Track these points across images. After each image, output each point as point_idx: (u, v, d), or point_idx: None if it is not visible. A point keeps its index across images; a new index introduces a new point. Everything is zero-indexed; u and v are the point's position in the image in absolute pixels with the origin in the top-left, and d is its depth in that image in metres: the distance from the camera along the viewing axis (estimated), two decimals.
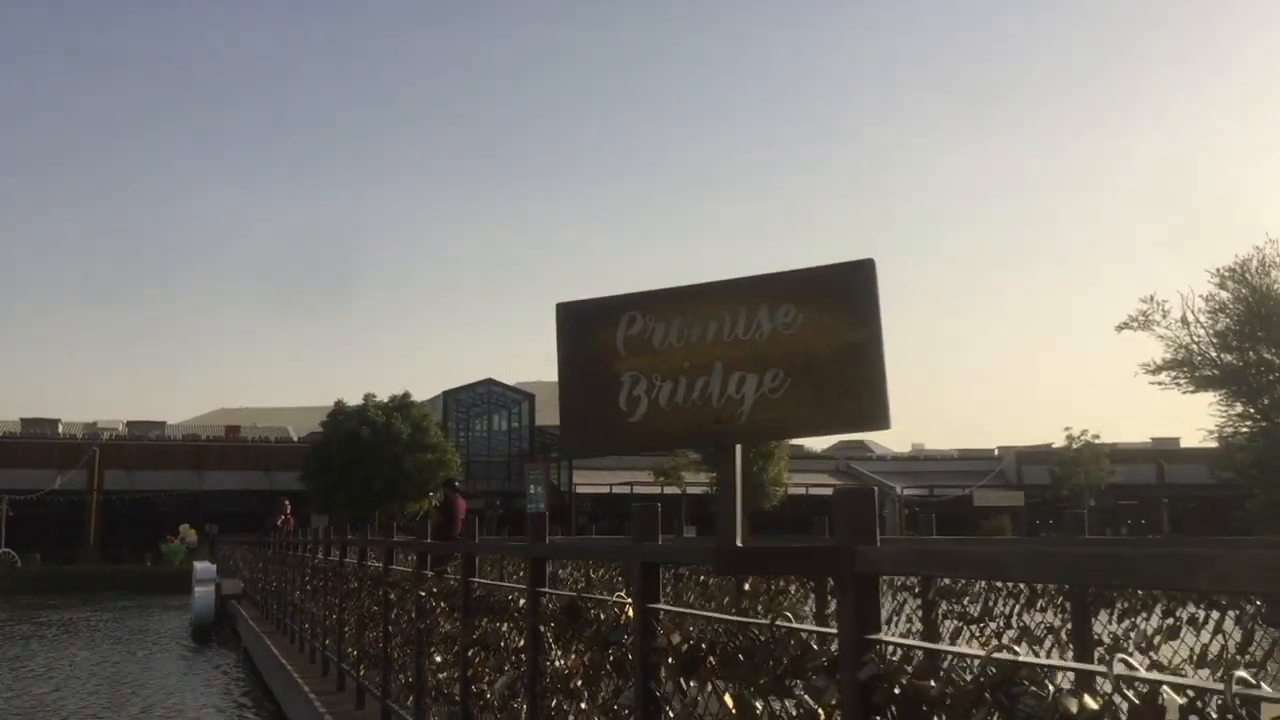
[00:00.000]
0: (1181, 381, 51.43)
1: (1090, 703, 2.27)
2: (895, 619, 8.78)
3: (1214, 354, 50.73)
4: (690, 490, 62.02)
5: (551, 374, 3.53)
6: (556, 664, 5.28)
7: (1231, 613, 5.89)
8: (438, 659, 7.63)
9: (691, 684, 3.93)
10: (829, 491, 72.10)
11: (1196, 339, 50.90)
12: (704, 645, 3.84)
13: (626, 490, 65.97)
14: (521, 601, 5.79)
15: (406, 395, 57.57)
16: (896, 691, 2.76)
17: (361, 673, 10.91)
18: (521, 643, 5.79)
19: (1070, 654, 7.07)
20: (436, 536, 15.97)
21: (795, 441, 57.24)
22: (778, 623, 3.39)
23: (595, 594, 6.83)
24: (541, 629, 5.45)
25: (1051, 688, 2.36)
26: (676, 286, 3.33)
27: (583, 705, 4.95)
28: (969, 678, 2.56)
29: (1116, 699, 2.16)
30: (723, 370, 3.19)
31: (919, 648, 2.80)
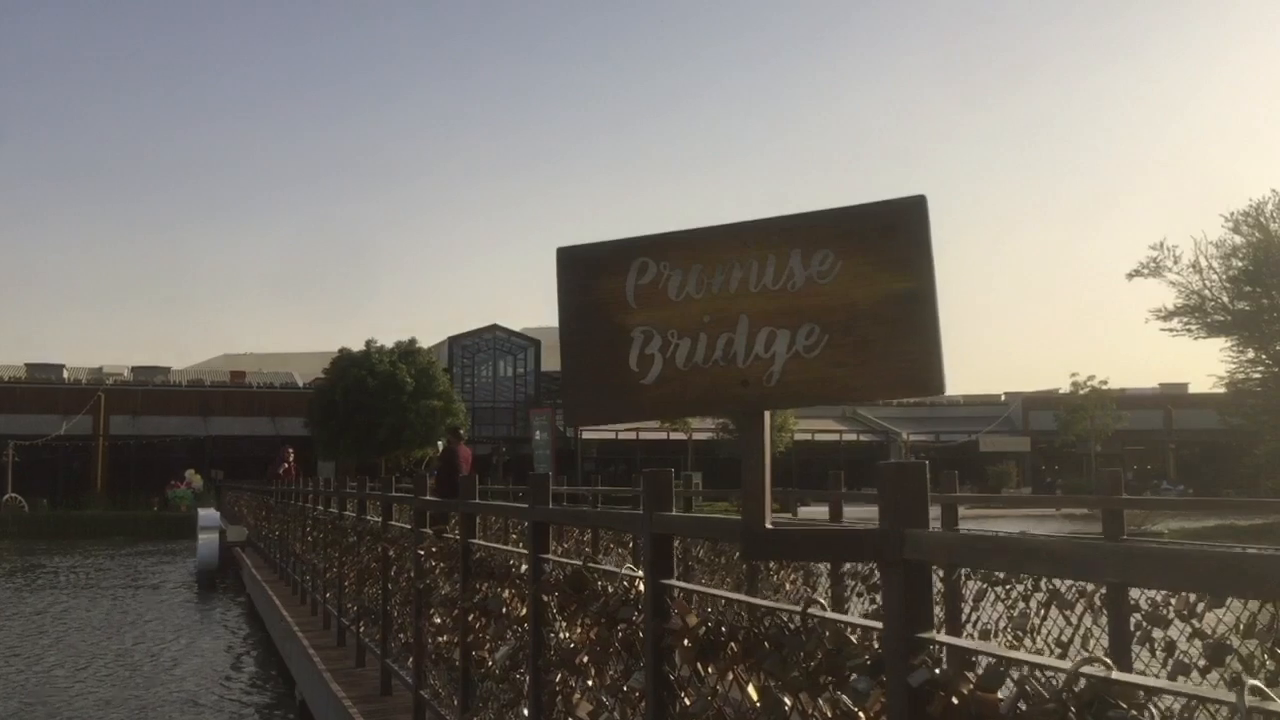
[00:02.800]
0: (1193, 328, 50.94)
1: None
2: None
3: (1226, 300, 50.15)
4: (697, 436, 61.84)
5: (556, 319, 3.09)
6: (561, 636, 4.92)
7: None
8: (437, 620, 7.29)
9: (710, 670, 3.55)
10: (836, 438, 72.05)
11: (1209, 284, 50.31)
12: (724, 629, 3.45)
13: (633, 437, 65.90)
14: (523, 568, 5.41)
15: (413, 341, 57.16)
16: (955, 702, 2.37)
17: (361, 629, 10.62)
18: (523, 611, 5.42)
19: (1105, 619, 6.73)
20: (440, 487, 15.67)
21: None
22: (810, 611, 3.00)
23: (602, 561, 6.45)
24: (545, 598, 5.08)
25: (1156, 712, 1.95)
26: (696, 228, 2.88)
27: (589, 683, 4.59)
28: (1047, 693, 2.16)
29: None
30: (749, 325, 2.76)
31: (984, 653, 2.40)
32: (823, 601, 3.06)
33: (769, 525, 2.76)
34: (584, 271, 2.97)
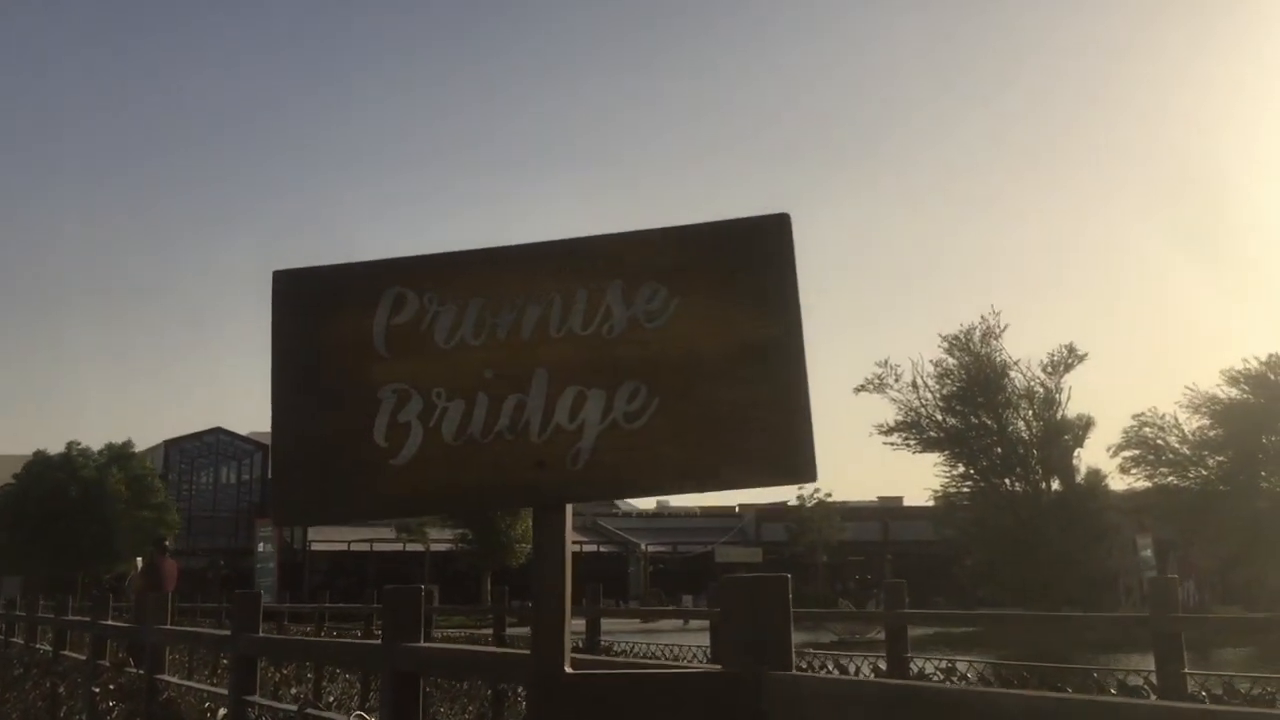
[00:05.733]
0: (911, 442, 54.09)
1: None
2: None
3: (939, 417, 53.69)
4: (435, 548, 59.54)
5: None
6: None
7: None
8: None
9: None
10: (577, 548, 71.34)
11: (924, 402, 53.74)
12: None
13: (366, 548, 62.69)
14: (221, 713, 4.28)
15: (127, 444, 52.46)
16: None
17: None
18: None
19: None
20: (140, 606, 13.74)
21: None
22: None
23: (327, 693, 5.37)
24: None
25: None
26: (474, 249, 2.10)
27: None
28: None
29: None
30: (548, 384, 1.98)
31: None
32: None
33: (569, 668, 1.94)
34: (312, 304, 2.10)
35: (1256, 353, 49.64)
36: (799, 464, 1.90)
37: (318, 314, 2.09)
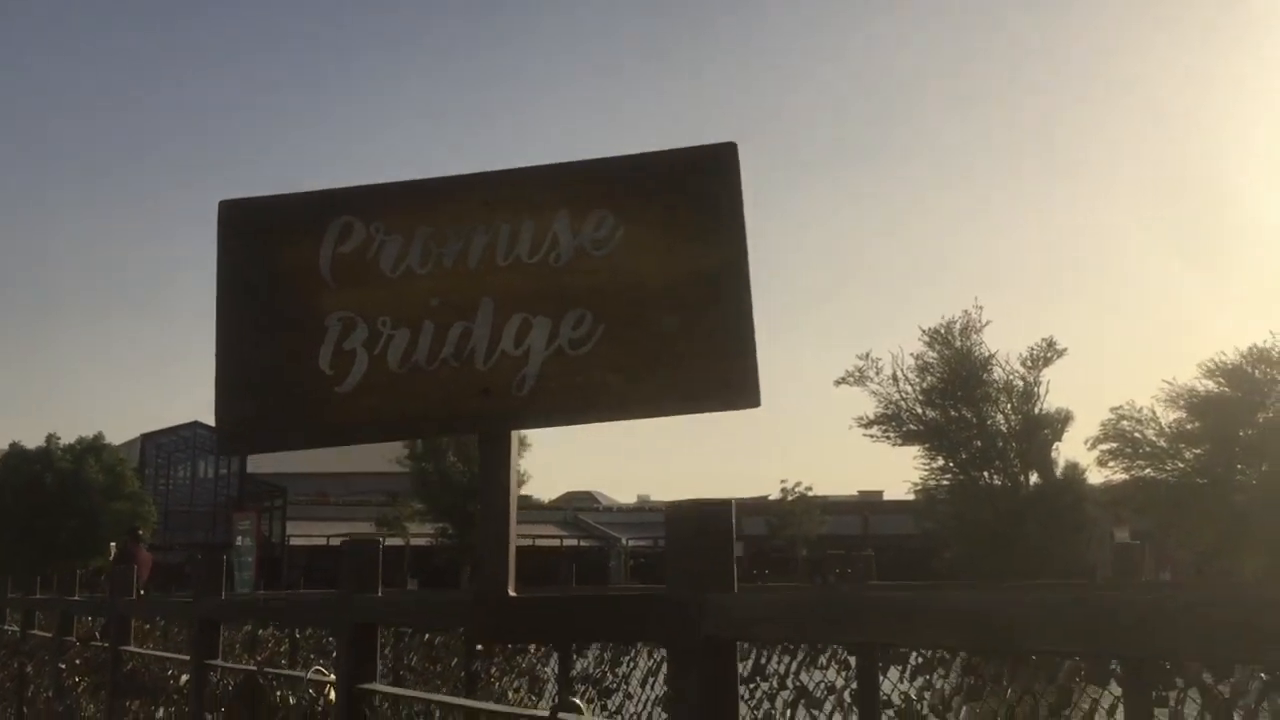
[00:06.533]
0: (891, 435, 54.29)
1: None
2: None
3: (919, 410, 53.90)
4: (415, 542, 59.51)
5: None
6: None
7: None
8: None
9: None
10: (557, 543, 71.42)
11: (905, 395, 53.93)
12: None
13: (346, 540, 62.58)
14: (184, 679, 4.27)
15: (99, 437, 52.21)
16: None
17: None
18: None
19: (855, 717, 6.25)
20: (110, 581, 13.69)
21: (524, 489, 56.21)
22: (561, 715, 2.19)
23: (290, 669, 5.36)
24: (210, 717, 3.98)
25: None
26: (420, 179, 2.10)
27: None
28: None
29: None
30: (494, 311, 1.99)
31: None
32: (581, 705, 2.27)
33: (512, 592, 1.95)
34: (259, 234, 2.10)
35: (1236, 345, 50.05)
36: (741, 389, 1.91)
37: (264, 243, 2.09)
